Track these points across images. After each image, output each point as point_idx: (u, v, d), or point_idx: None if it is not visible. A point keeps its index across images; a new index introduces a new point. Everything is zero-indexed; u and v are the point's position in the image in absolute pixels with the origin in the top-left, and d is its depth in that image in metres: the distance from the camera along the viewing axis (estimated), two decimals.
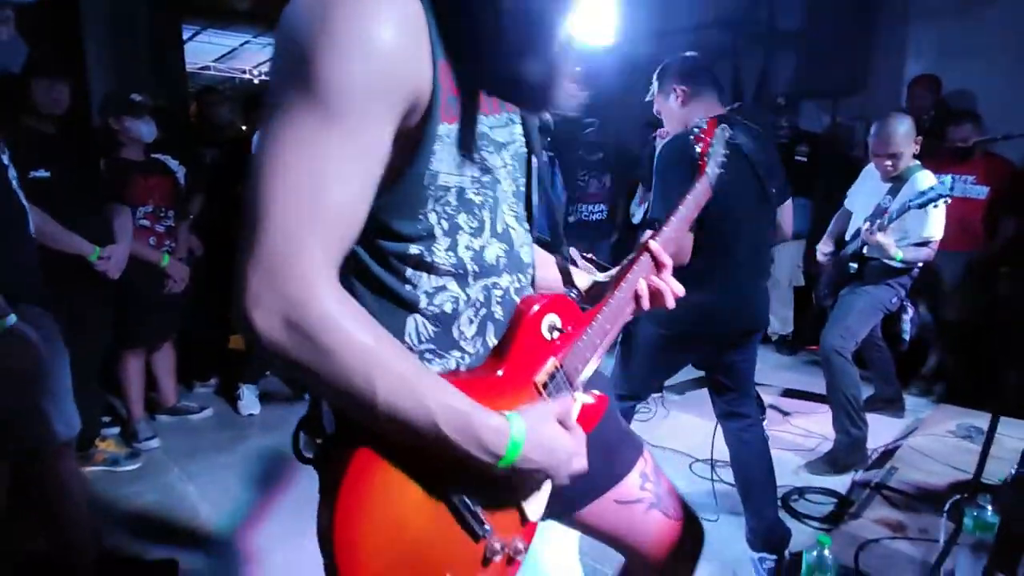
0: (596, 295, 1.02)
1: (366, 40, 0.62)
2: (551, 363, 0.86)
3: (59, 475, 1.83)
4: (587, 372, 0.92)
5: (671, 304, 1.02)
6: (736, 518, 2.17)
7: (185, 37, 5.62)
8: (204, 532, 2.34)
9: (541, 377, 0.84)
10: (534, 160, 0.92)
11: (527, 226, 0.92)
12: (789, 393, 3.85)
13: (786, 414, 3.50)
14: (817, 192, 4.47)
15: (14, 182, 1.76)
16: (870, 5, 4.62)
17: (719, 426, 2.20)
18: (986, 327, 3.47)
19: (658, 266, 1.02)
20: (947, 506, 1.98)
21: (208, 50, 9.49)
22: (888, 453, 2.87)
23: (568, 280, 1.06)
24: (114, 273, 2.62)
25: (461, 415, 0.68)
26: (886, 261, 2.79)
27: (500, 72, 0.74)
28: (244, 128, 4.49)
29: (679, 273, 2.00)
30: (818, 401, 3.50)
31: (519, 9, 0.71)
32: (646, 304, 1.00)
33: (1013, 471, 1.56)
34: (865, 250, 2.83)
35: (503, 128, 0.83)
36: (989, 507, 1.70)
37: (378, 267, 0.76)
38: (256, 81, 10.21)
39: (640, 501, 1.08)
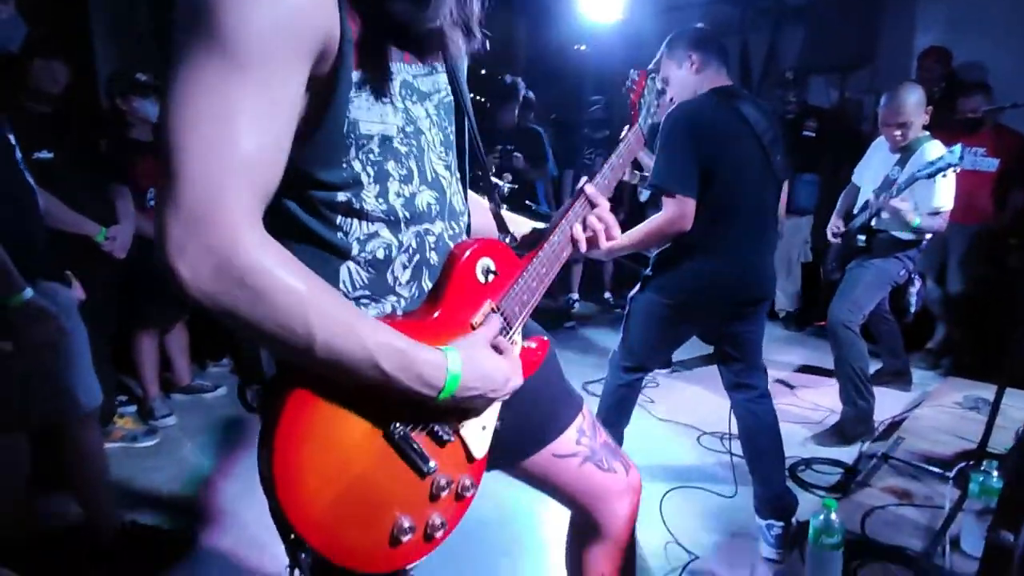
0: (534, 241, 1.04)
1: None
2: (487, 305, 0.87)
3: (83, 445, 1.88)
4: (525, 315, 0.93)
5: (604, 245, 1.04)
6: (750, 490, 2.20)
7: None
8: (220, 504, 2.39)
9: (478, 319, 0.86)
10: (464, 109, 0.92)
11: (458, 175, 0.92)
12: (797, 368, 3.87)
13: (793, 388, 3.53)
14: (825, 167, 4.45)
15: (20, 161, 1.78)
16: None
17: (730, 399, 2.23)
18: (994, 300, 3.47)
19: (592, 207, 1.04)
20: (953, 473, 2.00)
21: None
22: (895, 424, 2.89)
23: (503, 227, 1.07)
24: (120, 253, 2.65)
25: (400, 352, 0.70)
26: (894, 233, 2.79)
27: (394, 18, 0.73)
28: None
29: (677, 244, 2.01)
30: (825, 375, 3.53)
31: None
32: (583, 247, 1.03)
33: (1020, 430, 1.57)
34: (873, 223, 2.83)
35: (426, 77, 0.84)
36: (995, 473, 1.72)
37: (308, 217, 0.77)
38: None
39: (575, 455, 1.12)
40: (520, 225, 1.12)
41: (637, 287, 2.17)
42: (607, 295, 5.21)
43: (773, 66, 5.16)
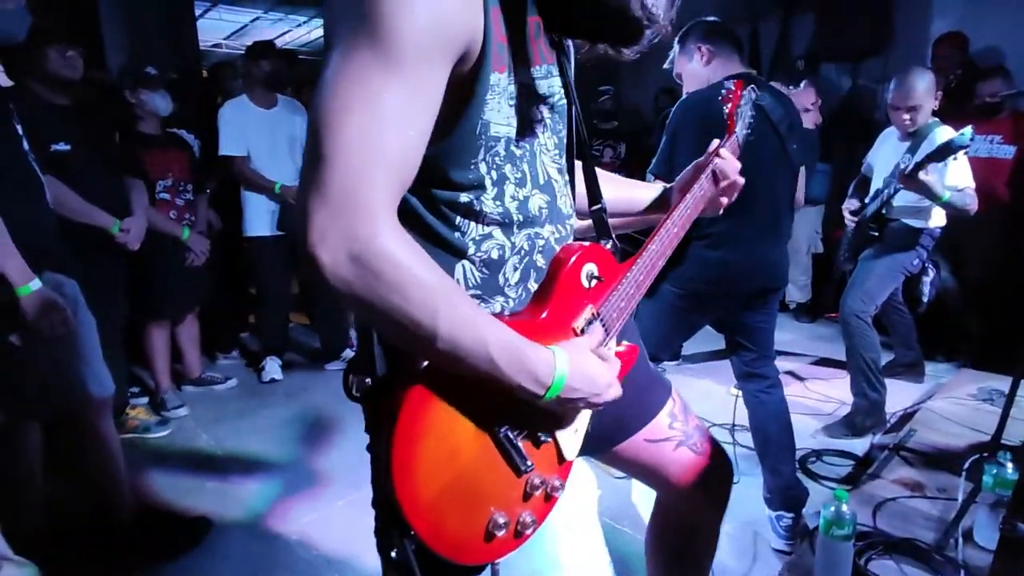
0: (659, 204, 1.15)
1: None
2: (589, 310, 0.89)
3: (97, 435, 1.90)
4: (622, 322, 0.95)
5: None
6: (756, 480, 2.19)
7: (197, 14, 5.61)
8: (233, 493, 2.42)
9: (579, 323, 0.87)
10: (575, 111, 0.93)
11: (567, 177, 0.93)
12: (808, 359, 3.84)
13: (803, 379, 3.50)
14: (837, 157, 4.39)
15: (28, 152, 1.78)
16: None
17: (740, 390, 2.21)
18: (1011, 290, 3.42)
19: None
20: (966, 465, 1.98)
21: (220, 27, 9.46)
22: (907, 416, 2.86)
23: (596, 199, 1.05)
24: (134, 245, 2.66)
25: (515, 348, 0.72)
26: (907, 222, 2.75)
27: (529, 24, 0.74)
28: None
29: (689, 233, 2.01)
30: (837, 367, 3.50)
31: None
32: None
33: None
34: (885, 211, 2.79)
35: (544, 80, 0.84)
36: (1009, 464, 1.69)
37: (429, 215, 0.79)
38: None
39: (669, 439, 1.15)
40: (623, 186, 1.18)
41: None
42: None
43: (784, 54, 5.09)
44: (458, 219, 0.79)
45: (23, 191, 1.73)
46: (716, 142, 1.12)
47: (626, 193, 1.18)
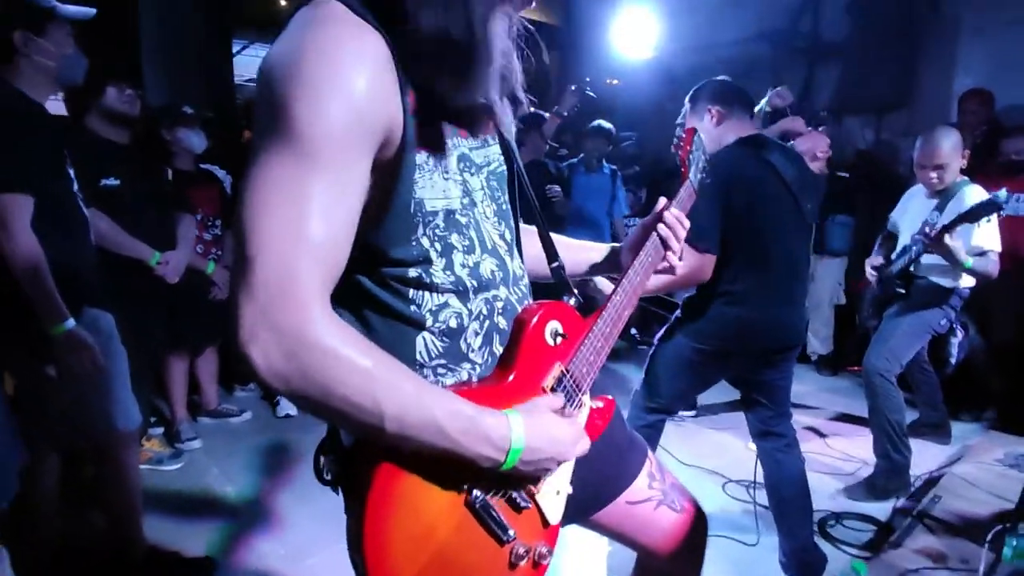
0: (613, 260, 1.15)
1: (338, 85, 0.66)
2: (557, 368, 0.88)
3: (119, 467, 1.94)
4: (593, 376, 0.94)
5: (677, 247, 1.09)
6: (774, 541, 2.12)
7: (234, 51, 5.83)
8: (242, 532, 2.40)
9: (548, 382, 0.87)
10: (517, 174, 0.95)
11: (513, 239, 0.94)
12: (828, 415, 3.75)
13: (824, 435, 3.42)
14: (859, 210, 4.37)
15: (77, 193, 1.86)
16: (916, 17, 4.51)
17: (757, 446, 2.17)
18: None
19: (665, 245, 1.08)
20: (989, 536, 1.91)
21: (253, 63, 9.82)
22: (932, 480, 2.78)
23: (551, 253, 1.05)
24: (172, 278, 2.72)
25: (465, 417, 0.72)
26: (935, 280, 2.71)
27: (450, 101, 0.76)
28: None
29: (708, 290, 2.01)
30: (859, 424, 3.41)
31: (457, 38, 0.73)
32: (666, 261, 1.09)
33: None
34: (913, 268, 2.75)
35: (480, 150, 0.87)
36: None
37: (383, 292, 0.80)
38: None
39: (649, 500, 1.15)
40: (572, 248, 1.17)
41: (664, 328, 2.15)
42: (632, 331, 5.17)
43: (807, 105, 5.12)
44: (411, 292, 0.80)
45: (67, 229, 1.80)
46: (663, 201, 1.10)
47: (573, 255, 1.18)
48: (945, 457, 3.08)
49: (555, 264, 1.02)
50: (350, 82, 0.66)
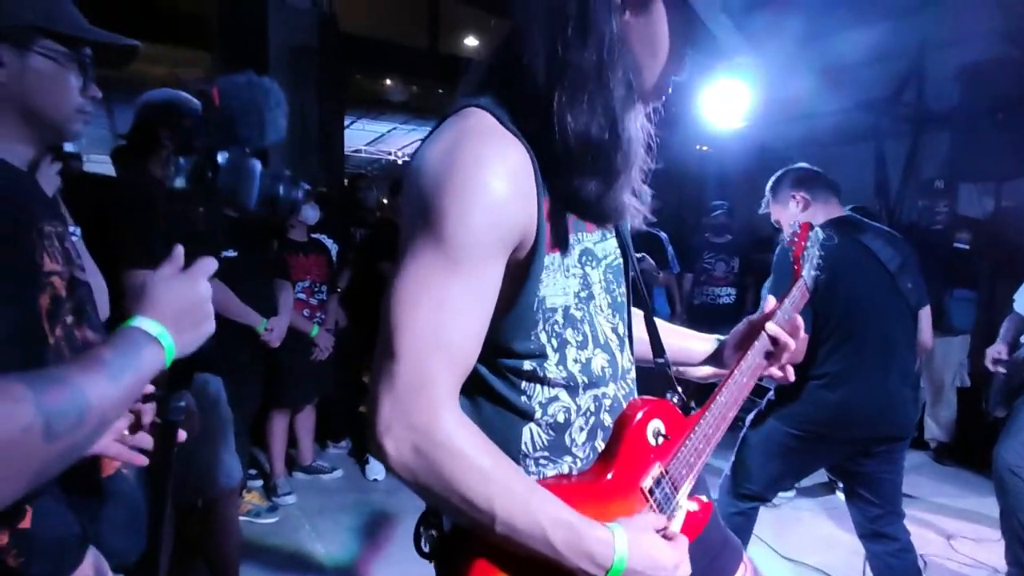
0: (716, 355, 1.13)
1: (484, 193, 0.72)
2: (656, 468, 0.87)
3: (222, 521, 2.06)
4: (692, 478, 0.92)
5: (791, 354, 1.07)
6: None
7: (344, 125, 6.40)
8: None
9: (647, 482, 0.86)
10: (632, 266, 0.97)
11: (625, 332, 0.95)
12: (952, 512, 3.37)
13: (947, 537, 3.06)
14: (981, 283, 4.04)
15: None
16: None
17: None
18: None
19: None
20: None
21: (361, 136, 10.67)
22: None
23: (657, 345, 1.06)
24: (275, 343, 2.92)
25: (572, 530, 0.72)
26: None
27: (589, 202, 0.80)
28: (389, 209, 4.95)
29: (803, 372, 1.93)
30: (988, 525, 3.04)
31: (602, 140, 0.77)
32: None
33: None
34: None
35: (600, 243, 0.90)
36: None
37: (498, 381, 0.83)
38: (400, 162, 11.24)
39: None
40: (677, 335, 1.17)
41: (756, 411, 2.07)
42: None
43: (913, 174, 4.88)
44: (524, 384, 0.83)
45: None
46: (772, 301, 1.09)
47: (679, 343, 1.17)
48: None
49: (660, 360, 1.02)
50: (496, 191, 0.72)
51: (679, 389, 0.99)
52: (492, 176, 0.72)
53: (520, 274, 0.78)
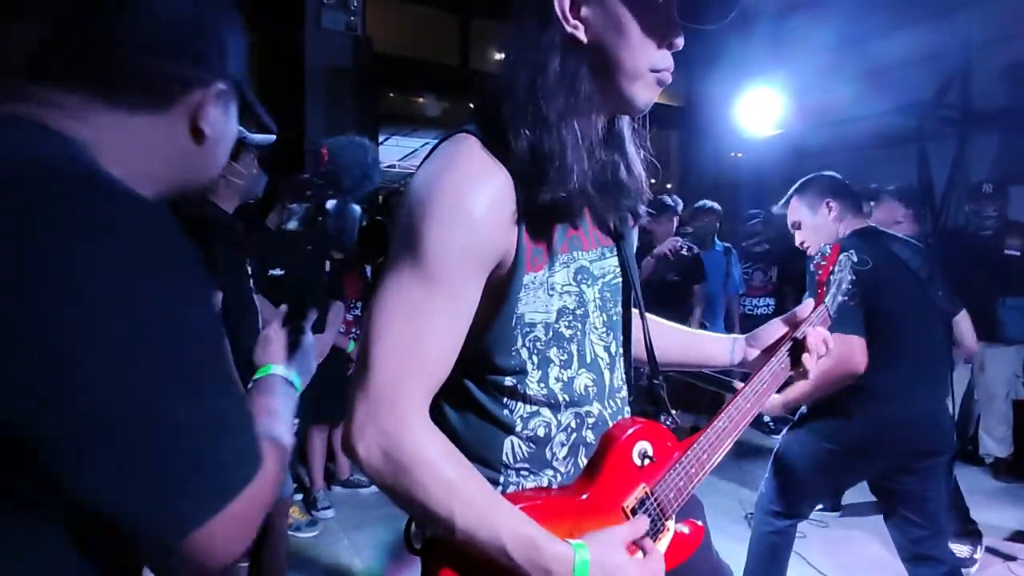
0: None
1: (463, 216, 0.75)
2: (641, 489, 0.87)
3: (272, 533, 2.12)
4: (681, 502, 0.91)
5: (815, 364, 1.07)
6: None
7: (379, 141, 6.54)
8: None
9: (630, 502, 0.86)
10: (632, 286, 0.97)
11: (618, 352, 0.95)
12: (1011, 533, 3.21)
13: (1007, 559, 2.92)
14: None
15: (253, 288, 2.16)
16: None
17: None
18: None
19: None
20: None
21: (394, 151, 10.87)
22: None
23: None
24: (318, 359, 2.99)
25: (530, 543, 0.74)
26: None
27: (552, 209, 0.81)
28: None
29: (849, 386, 1.89)
30: None
31: (542, 148, 0.79)
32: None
33: None
34: None
35: (598, 261, 0.91)
36: None
37: (482, 394, 0.86)
38: None
39: None
40: (693, 341, 1.18)
41: (790, 424, 2.03)
42: (767, 419, 4.81)
43: (959, 178, 4.71)
44: (505, 399, 0.86)
45: (239, 319, 2.08)
46: (809, 303, 1.08)
47: (697, 349, 1.18)
48: None
49: (656, 381, 1.02)
50: (475, 213, 0.75)
51: (672, 412, 0.99)
52: (471, 200, 0.75)
53: (500, 292, 0.81)
